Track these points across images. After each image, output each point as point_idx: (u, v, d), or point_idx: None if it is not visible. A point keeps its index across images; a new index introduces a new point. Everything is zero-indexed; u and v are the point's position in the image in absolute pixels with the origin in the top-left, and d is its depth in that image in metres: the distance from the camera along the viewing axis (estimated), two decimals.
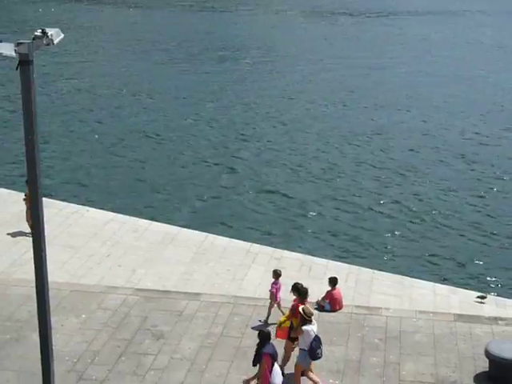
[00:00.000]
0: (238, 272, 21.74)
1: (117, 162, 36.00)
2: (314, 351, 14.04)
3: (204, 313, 17.25)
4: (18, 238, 22.74)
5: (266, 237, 27.01)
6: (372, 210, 30.44)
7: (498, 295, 21.72)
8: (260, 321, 17.14)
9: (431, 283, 21.61)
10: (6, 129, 40.97)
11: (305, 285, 20.76)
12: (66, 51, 57.64)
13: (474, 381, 14.91)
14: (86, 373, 14.86)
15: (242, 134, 40.71)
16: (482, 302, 19.24)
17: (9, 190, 27.14)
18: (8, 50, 9.27)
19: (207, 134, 40.77)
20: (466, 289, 21.64)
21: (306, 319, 14.13)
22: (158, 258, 22.38)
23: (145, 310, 17.32)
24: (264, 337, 13.55)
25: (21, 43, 9.37)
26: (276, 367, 13.57)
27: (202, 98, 47.43)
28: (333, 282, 17.69)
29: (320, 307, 17.43)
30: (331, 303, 17.40)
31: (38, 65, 9.73)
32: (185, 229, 25.31)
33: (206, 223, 27.82)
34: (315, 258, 23.80)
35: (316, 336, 14.10)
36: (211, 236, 24.64)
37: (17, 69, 9.56)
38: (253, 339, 16.01)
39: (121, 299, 17.90)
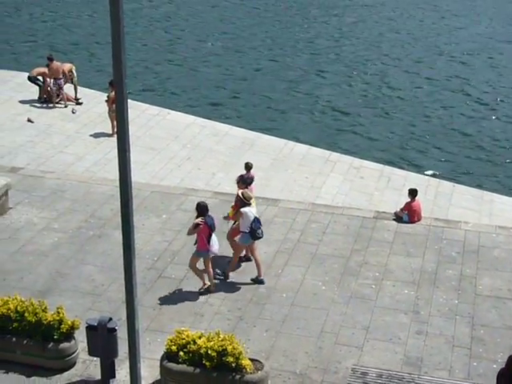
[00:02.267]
0: (317, 180, 21.76)
1: (200, 69, 35.98)
2: (254, 232, 14.59)
3: (281, 219, 17.38)
4: (102, 138, 23.16)
5: (345, 145, 26.82)
6: (458, 126, 29.77)
7: None
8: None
9: None
10: (93, 36, 41.24)
11: (383, 195, 20.79)
12: None
13: None
14: (165, 271, 15.26)
15: (336, 54, 40.04)
16: None
17: (93, 91, 27.48)
18: None
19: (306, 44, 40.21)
20: None
21: (245, 202, 14.66)
22: (237, 163, 22.51)
23: (223, 213, 17.51)
24: (201, 207, 14.28)
25: None
26: (214, 237, 14.38)
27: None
28: (412, 193, 17.53)
29: (398, 218, 17.34)
30: (409, 214, 17.28)
31: None
32: (264, 135, 25.33)
33: (285, 130, 27.75)
34: (395, 169, 23.61)
35: (255, 217, 14.62)
36: (291, 143, 24.62)
37: None
38: (330, 247, 16.18)
39: None
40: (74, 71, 25.85)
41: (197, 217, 14.30)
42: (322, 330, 13.54)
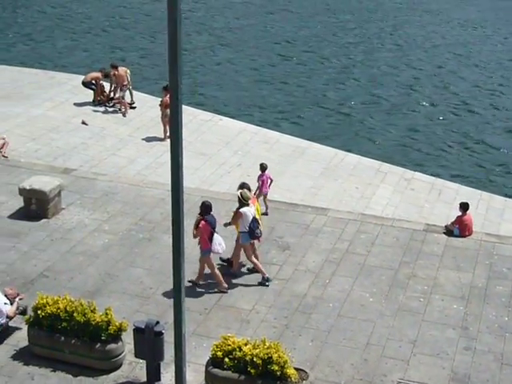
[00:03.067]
0: (367, 190, 21.65)
1: (253, 76, 36.06)
2: (253, 231, 14.81)
3: (330, 228, 17.31)
4: (154, 142, 23.37)
5: (396, 157, 26.62)
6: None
7: None
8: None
9: None
10: (150, 39, 41.67)
11: (434, 208, 20.59)
12: None
13: None
14: (212, 277, 15.28)
15: (394, 69, 39.87)
16: None
17: (146, 95, 27.73)
18: None
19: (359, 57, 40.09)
20: None
21: (244, 203, 14.87)
22: (287, 171, 22.54)
23: (272, 221, 17.53)
24: (205, 207, 14.61)
25: None
26: (217, 236, 14.62)
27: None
28: (464, 207, 17.31)
29: (448, 231, 17.15)
30: (460, 228, 17.07)
31: None
32: (315, 143, 25.28)
33: (336, 139, 27.67)
34: (446, 182, 23.37)
35: (253, 217, 14.83)
36: (341, 152, 24.54)
37: None
38: (378, 258, 16.05)
39: None
40: (128, 75, 26.15)
41: (200, 214, 14.64)
42: (369, 341, 13.43)
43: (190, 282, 14.79)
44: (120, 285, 14.96)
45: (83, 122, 24.35)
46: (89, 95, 26.17)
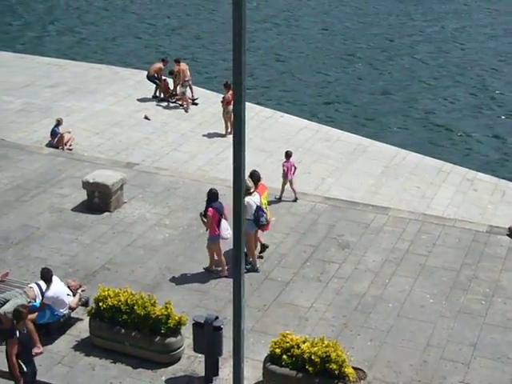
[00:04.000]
0: (428, 190, 21.41)
1: (315, 73, 35.94)
2: (258, 219, 15.12)
3: (391, 227, 17.15)
4: (215, 138, 23.49)
5: (459, 157, 26.24)
6: None
7: None
8: (275, 197, 18.32)
9: None
10: (213, 36, 41.84)
11: (497, 209, 20.26)
12: None
13: None
14: (272, 273, 15.31)
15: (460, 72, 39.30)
16: None
17: (208, 91, 27.89)
18: None
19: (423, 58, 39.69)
20: None
21: (246, 192, 14.66)
22: (348, 169, 22.43)
23: (332, 219, 17.46)
24: (211, 194, 14.97)
25: None
26: (224, 222, 14.94)
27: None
28: None
29: None
30: None
31: None
32: (377, 142, 25.09)
33: (399, 138, 27.40)
34: (510, 183, 22.95)
35: (258, 206, 15.11)
36: (403, 151, 24.30)
37: None
38: (439, 259, 15.84)
39: (309, 206, 18.14)
40: (188, 71, 26.34)
41: (207, 202, 15.03)
42: (428, 343, 13.28)
43: (204, 269, 15.27)
44: (180, 279, 15.08)
45: (146, 117, 24.62)
46: (152, 90, 26.43)
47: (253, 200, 15.12)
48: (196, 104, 26.19)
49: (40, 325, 13.04)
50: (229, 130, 23.58)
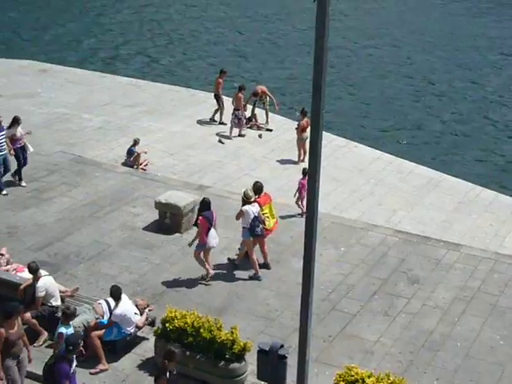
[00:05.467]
0: (502, 228, 20.92)
1: (391, 104, 35.73)
2: (253, 229, 15.72)
3: (462, 264, 16.84)
4: (288, 164, 23.51)
5: None
6: None
7: None
8: (298, 214, 18.98)
9: None
10: (291, 63, 42.01)
11: None
12: None
13: None
14: (339, 304, 15.18)
15: None
16: None
17: (282, 117, 27.95)
18: None
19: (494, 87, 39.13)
20: None
21: (246, 201, 15.86)
22: (420, 203, 22.14)
23: (402, 253, 17.25)
24: (204, 203, 15.71)
25: None
26: (212, 231, 15.57)
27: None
28: None
29: None
30: None
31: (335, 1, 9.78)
32: (450, 176, 24.72)
33: (473, 174, 26.95)
34: None
35: (255, 216, 15.71)
36: (478, 187, 23.86)
37: (314, 1, 9.64)
38: None
39: (380, 238, 17.97)
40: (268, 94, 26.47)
41: (198, 211, 15.83)
42: None
43: (201, 278, 15.79)
44: (246, 304, 15.07)
45: (220, 141, 24.82)
46: (225, 114, 26.64)
47: (251, 209, 15.84)
48: (270, 130, 26.27)
49: (106, 341, 13.18)
50: (302, 158, 23.59)
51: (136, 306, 13.70)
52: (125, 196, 19.65)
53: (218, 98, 25.97)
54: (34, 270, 13.69)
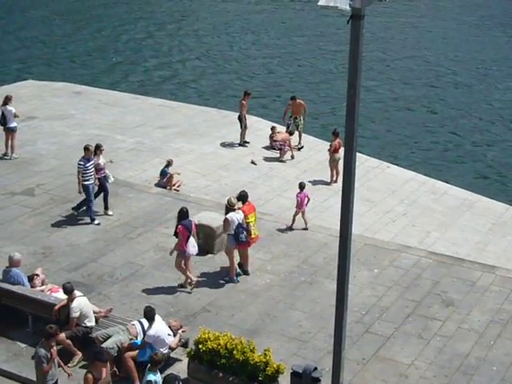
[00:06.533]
0: None
1: (426, 124, 35.60)
2: (237, 235, 16.21)
3: (498, 287, 16.64)
4: (320, 185, 23.47)
5: None
6: None
7: None
8: (286, 225, 19.41)
9: None
10: (328, 83, 42.12)
11: None
12: (395, 10, 57.37)
13: None
14: (372, 327, 15.07)
15: None
16: None
17: (314, 138, 27.96)
18: (343, 3, 9.40)
19: None
20: None
21: (230, 208, 16.54)
22: (454, 224, 21.99)
23: (437, 275, 17.10)
24: (181, 212, 16.12)
25: None
26: (191, 239, 16.00)
27: None
28: None
29: None
30: None
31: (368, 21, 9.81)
32: (485, 197, 24.53)
33: (507, 195, 26.72)
34: None
35: (239, 223, 16.22)
36: None
37: (348, 22, 9.67)
38: None
39: (413, 260, 17.84)
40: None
41: (178, 220, 16.15)
42: None
43: (179, 285, 16.28)
44: (279, 326, 15.02)
45: (252, 162, 24.86)
46: (260, 136, 26.71)
47: (236, 217, 16.33)
48: (300, 148, 26.31)
49: (140, 362, 13.19)
50: (334, 179, 23.53)
51: (169, 327, 13.71)
52: (158, 217, 19.74)
53: (241, 119, 26.05)
54: (68, 290, 13.78)
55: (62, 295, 14.29)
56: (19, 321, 14.67)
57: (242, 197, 16.96)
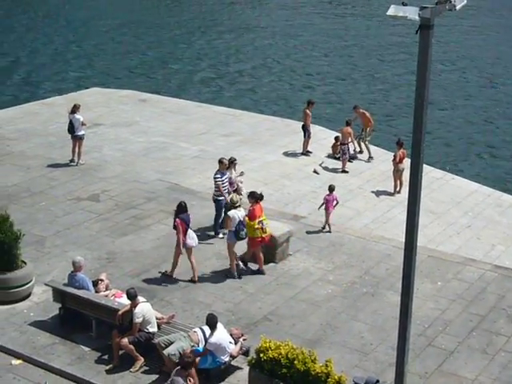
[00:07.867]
0: None
1: (478, 136, 35.09)
2: (238, 232, 16.74)
3: None
4: (383, 196, 23.28)
5: None
6: None
7: None
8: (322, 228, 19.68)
9: None
10: (390, 92, 41.83)
11: None
12: (463, 19, 56.75)
13: None
14: (435, 340, 14.85)
15: None
16: None
17: (377, 148, 27.75)
18: (412, 13, 9.34)
19: None
20: None
21: (232, 205, 16.93)
22: None
23: (502, 289, 16.79)
24: (179, 206, 16.65)
25: (424, 7, 9.38)
26: (190, 231, 16.70)
27: None
28: None
29: None
30: None
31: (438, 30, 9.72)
32: None
33: None
34: None
35: (240, 220, 16.70)
36: None
37: (416, 33, 9.59)
38: None
39: (478, 273, 17.55)
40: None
41: (175, 214, 16.68)
42: None
43: (162, 273, 17.02)
44: (340, 337, 14.92)
45: (315, 171, 24.80)
46: (323, 145, 26.64)
47: (237, 214, 16.83)
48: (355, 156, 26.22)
49: (201, 369, 13.25)
50: (397, 189, 23.32)
51: (231, 335, 13.75)
52: None
53: (305, 128, 25.99)
54: (132, 296, 13.93)
55: (125, 300, 14.44)
56: (83, 325, 14.88)
57: (254, 195, 17.25)
